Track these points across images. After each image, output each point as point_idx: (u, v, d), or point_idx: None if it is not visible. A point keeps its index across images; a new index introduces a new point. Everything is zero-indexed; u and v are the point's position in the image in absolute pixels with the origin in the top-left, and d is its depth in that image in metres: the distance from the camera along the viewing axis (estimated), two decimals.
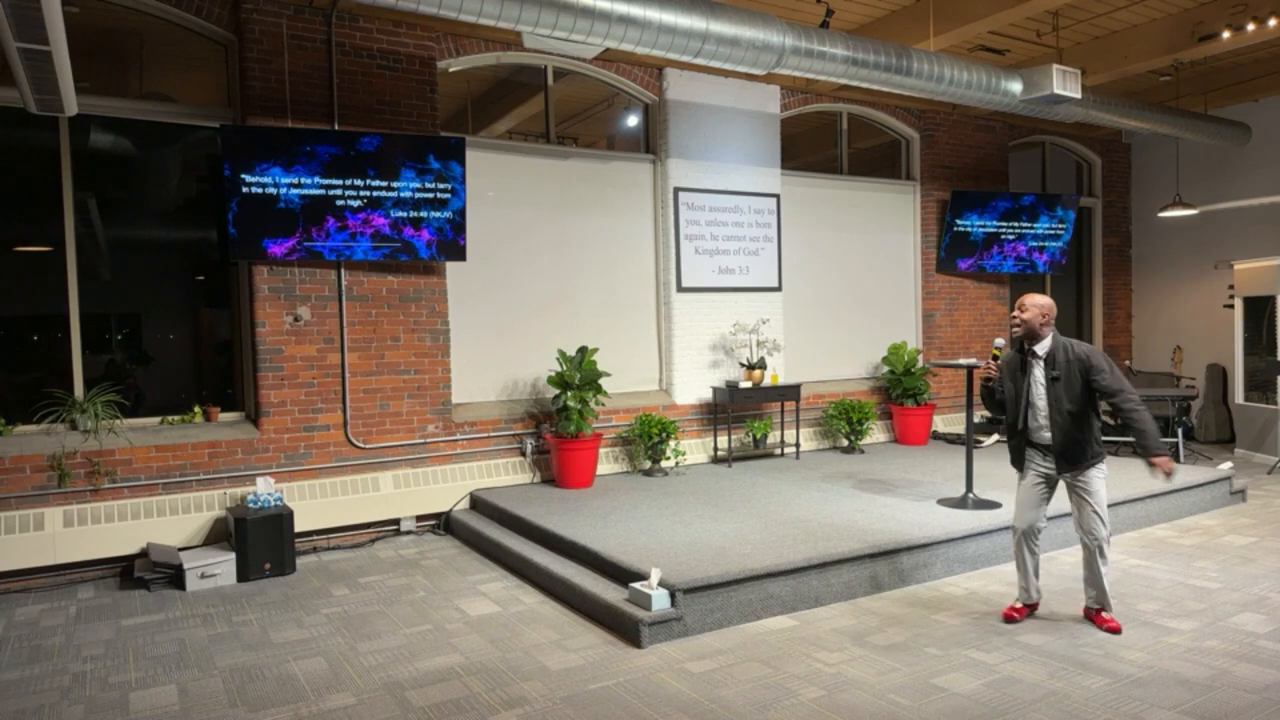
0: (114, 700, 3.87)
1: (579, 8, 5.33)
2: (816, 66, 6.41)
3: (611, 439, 7.63)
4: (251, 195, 6.01)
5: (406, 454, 6.75)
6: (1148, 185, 11.33)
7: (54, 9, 3.91)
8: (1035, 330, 4.35)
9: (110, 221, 6.20)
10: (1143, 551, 5.74)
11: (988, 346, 10.10)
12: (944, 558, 5.31)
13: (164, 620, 4.91)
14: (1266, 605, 4.68)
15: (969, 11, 6.88)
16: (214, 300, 6.68)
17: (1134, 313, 11.64)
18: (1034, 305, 4.35)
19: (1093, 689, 3.71)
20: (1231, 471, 7.17)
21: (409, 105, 6.71)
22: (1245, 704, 3.54)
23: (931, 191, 9.68)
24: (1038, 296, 4.37)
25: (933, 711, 3.55)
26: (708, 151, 8.08)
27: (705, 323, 8.12)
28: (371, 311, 6.60)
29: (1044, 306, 4.35)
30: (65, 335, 5.93)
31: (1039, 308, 4.34)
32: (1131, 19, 7.78)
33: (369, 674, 4.09)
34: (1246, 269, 9.21)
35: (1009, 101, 7.41)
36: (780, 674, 3.97)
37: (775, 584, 4.73)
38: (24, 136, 5.88)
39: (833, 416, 8.57)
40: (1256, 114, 10.05)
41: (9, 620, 4.97)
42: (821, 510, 5.98)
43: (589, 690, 3.84)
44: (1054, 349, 4.33)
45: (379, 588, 5.43)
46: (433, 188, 6.55)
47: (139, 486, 5.85)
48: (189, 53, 6.38)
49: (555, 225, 7.58)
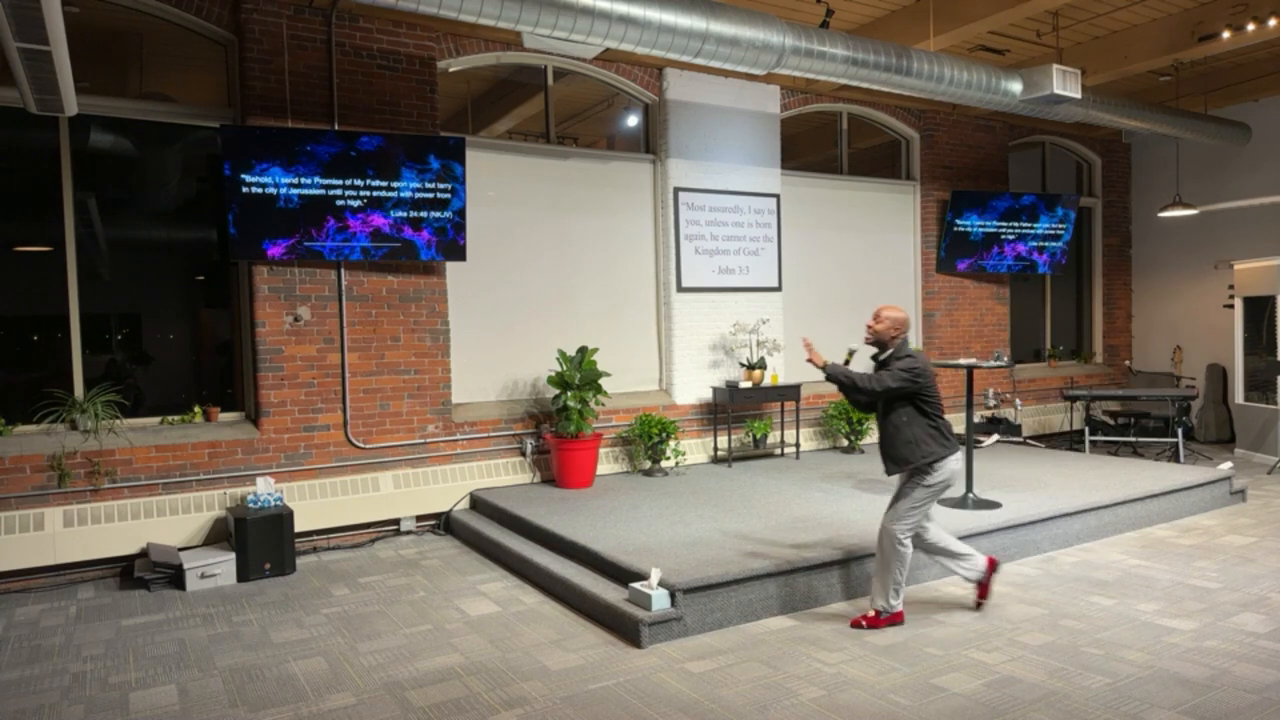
0: (114, 700, 3.86)
1: (579, 8, 5.33)
2: (816, 66, 6.41)
3: (611, 439, 7.63)
4: (251, 195, 6.01)
5: (406, 454, 6.75)
6: (1148, 185, 11.33)
7: (54, 9, 3.91)
8: (884, 341, 4.48)
9: (110, 221, 6.20)
10: (1143, 551, 5.75)
11: (988, 346, 10.10)
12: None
13: (164, 620, 4.91)
14: (1266, 605, 4.68)
15: (969, 11, 6.88)
16: (214, 300, 6.68)
17: (1134, 313, 11.64)
18: (888, 318, 4.47)
19: (1093, 689, 3.71)
20: (1231, 471, 7.17)
21: (409, 105, 6.71)
22: (1245, 704, 3.54)
23: (931, 191, 9.68)
24: (894, 310, 4.49)
25: (933, 711, 3.55)
26: (708, 151, 8.08)
27: (705, 323, 8.12)
28: (371, 311, 6.60)
29: (896, 320, 4.46)
30: (65, 335, 5.93)
31: (892, 320, 4.46)
32: (1131, 19, 7.78)
33: (369, 674, 4.09)
34: (1246, 269, 9.21)
35: (1009, 101, 7.41)
36: (780, 674, 3.97)
37: (775, 584, 4.73)
38: (24, 136, 5.88)
39: (833, 416, 8.57)
40: (1256, 114, 10.06)
41: (9, 620, 4.97)
42: (822, 510, 5.98)
43: (589, 690, 3.84)
44: (889, 358, 4.46)
45: (379, 588, 5.43)
46: (433, 188, 6.55)
47: (139, 486, 5.85)
48: (189, 53, 6.38)
49: (555, 225, 7.58)
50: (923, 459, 4.34)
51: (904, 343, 4.49)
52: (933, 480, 4.37)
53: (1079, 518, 5.97)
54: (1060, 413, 10.55)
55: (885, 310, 4.50)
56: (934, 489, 4.39)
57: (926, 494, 4.39)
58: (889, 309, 4.51)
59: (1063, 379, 10.80)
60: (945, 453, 4.35)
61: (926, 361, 4.43)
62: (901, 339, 4.48)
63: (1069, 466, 7.45)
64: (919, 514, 4.42)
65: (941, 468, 4.35)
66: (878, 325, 4.49)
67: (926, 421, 4.37)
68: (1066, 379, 10.83)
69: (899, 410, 4.40)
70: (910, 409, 4.39)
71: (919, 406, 4.38)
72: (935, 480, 4.37)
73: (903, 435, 4.37)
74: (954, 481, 4.45)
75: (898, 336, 4.47)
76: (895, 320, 4.46)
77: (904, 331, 4.48)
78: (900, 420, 4.39)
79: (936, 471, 4.36)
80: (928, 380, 4.37)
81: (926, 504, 4.42)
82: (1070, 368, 11.08)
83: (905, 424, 4.37)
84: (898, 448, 4.40)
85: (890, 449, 4.44)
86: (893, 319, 4.46)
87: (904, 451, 4.37)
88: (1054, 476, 6.97)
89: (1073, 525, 5.93)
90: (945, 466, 4.36)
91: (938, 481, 4.37)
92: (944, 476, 4.36)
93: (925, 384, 4.36)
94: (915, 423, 4.37)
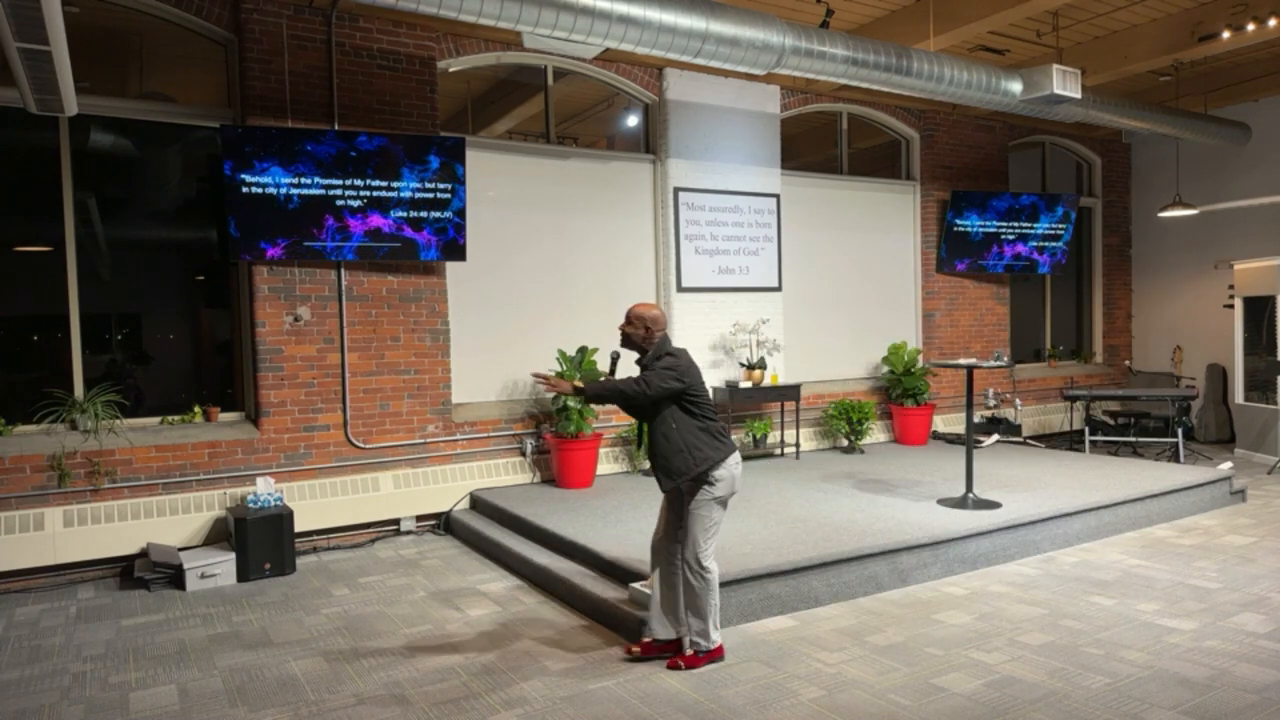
0: (114, 700, 3.86)
1: (579, 8, 5.33)
2: (816, 66, 6.41)
3: (611, 439, 7.63)
4: (252, 195, 6.01)
5: (406, 454, 6.74)
6: (1148, 185, 11.33)
7: (54, 9, 3.91)
8: (637, 343, 4.10)
9: (110, 221, 6.20)
10: (1143, 551, 5.75)
11: (988, 346, 10.10)
12: (944, 558, 5.31)
13: (164, 620, 4.91)
14: (1266, 605, 4.68)
15: (969, 11, 6.89)
16: (214, 300, 6.68)
17: (1134, 313, 11.64)
18: (639, 316, 4.07)
19: (1093, 689, 3.72)
20: (1231, 471, 7.17)
21: (409, 105, 6.71)
22: (1245, 704, 3.54)
23: (931, 191, 9.68)
24: (645, 307, 4.10)
25: (933, 711, 3.55)
26: (708, 151, 8.08)
27: (705, 323, 8.12)
28: (371, 311, 6.60)
29: (649, 318, 4.07)
30: (65, 335, 5.93)
31: (642, 320, 4.06)
32: (1131, 19, 7.78)
33: (369, 674, 4.09)
34: (1246, 269, 9.21)
35: (1009, 101, 7.41)
36: (780, 674, 3.97)
37: (775, 584, 4.73)
38: (24, 136, 5.88)
39: (833, 416, 8.57)
40: (1256, 114, 10.06)
41: (9, 620, 4.97)
42: (821, 510, 5.98)
43: (589, 690, 3.84)
44: (650, 359, 4.06)
45: (379, 588, 5.43)
46: (433, 188, 6.55)
47: (139, 486, 5.85)
48: (189, 53, 6.38)
49: (555, 225, 7.58)
50: (699, 466, 3.94)
51: (664, 340, 4.08)
52: (717, 492, 3.98)
53: (1079, 518, 5.97)
54: (1060, 413, 10.55)
55: (636, 309, 4.09)
56: (721, 499, 4.01)
57: (715, 507, 4.00)
58: (639, 306, 4.10)
59: (1063, 379, 10.80)
60: (719, 456, 3.97)
61: (691, 359, 4.07)
62: (660, 337, 4.08)
63: (1069, 466, 7.45)
64: (714, 532, 4.02)
65: (722, 474, 3.98)
66: (629, 328, 4.08)
67: (696, 424, 3.99)
68: (1066, 379, 10.83)
69: (664, 415, 3.99)
70: (676, 412, 3.98)
71: (685, 408, 3.99)
72: (719, 492, 3.99)
73: (673, 443, 3.96)
74: (738, 487, 4.08)
75: (653, 334, 4.07)
76: (648, 318, 4.06)
77: (661, 329, 4.09)
78: (668, 427, 3.98)
79: (718, 482, 3.97)
80: (694, 379, 4.00)
81: (719, 520, 4.03)
82: (1070, 368, 11.08)
83: (674, 430, 3.97)
84: (669, 458, 3.96)
85: (662, 461, 3.98)
86: (644, 317, 4.06)
87: (677, 462, 3.95)
88: (1054, 476, 6.97)
89: (1073, 525, 5.93)
90: (726, 471, 3.99)
91: (723, 493, 4.00)
92: (726, 482, 3.99)
93: (691, 382, 3.98)
94: (685, 427, 3.97)
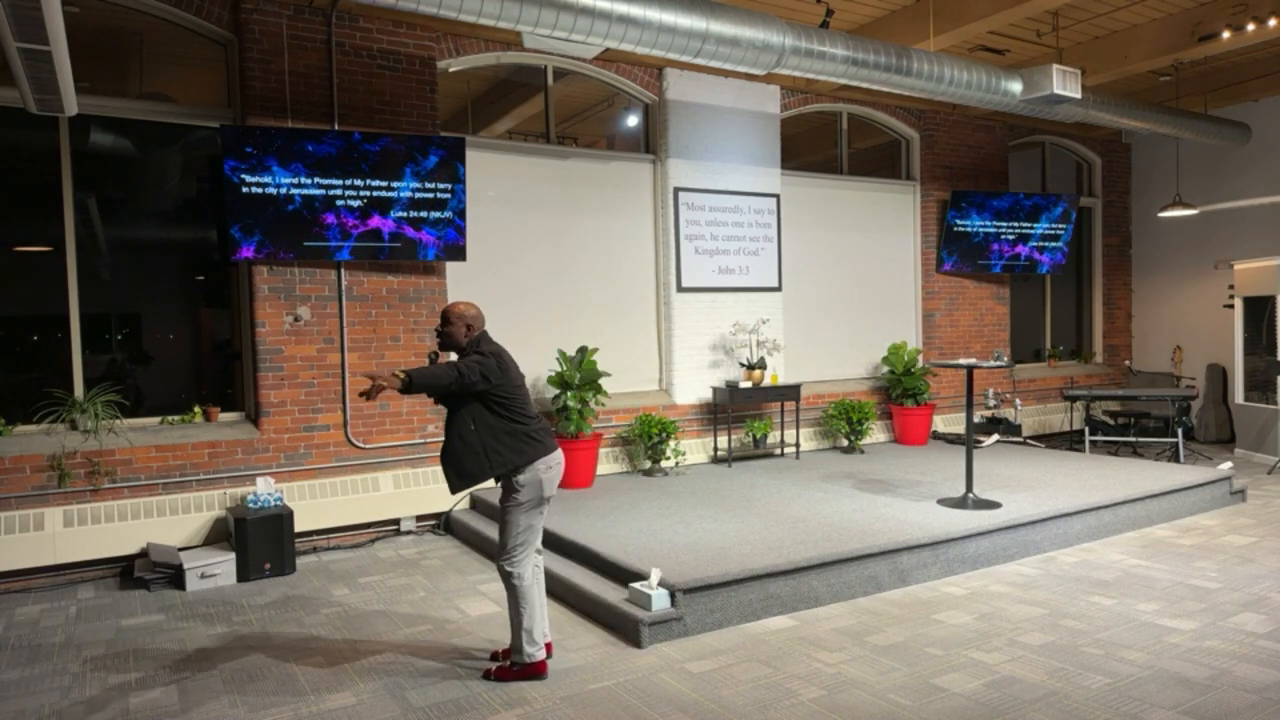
0: (114, 700, 3.86)
1: (579, 8, 5.33)
2: (816, 66, 6.41)
3: (611, 439, 7.63)
4: (252, 195, 6.01)
5: (406, 454, 6.74)
6: (1147, 185, 11.33)
7: (54, 9, 3.92)
8: (458, 342, 3.93)
9: (110, 221, 6.20)
10: (1143, 551, 5.75)
11: (988, 346, 10.11)
12: (944, 558, 5.32)
13: (164, 620, 4.91)
14: (1266, 605, 4.68)
15: (969, 11, 6.89)
16: (214, 300, 6.68)
17: (1134, 313, 11.64)
18: (456, 316, 3.94)
19: (1093, 689, 3.72)
20: (1231, 471, 7.17)
21: (409, 105, 6.71)
22: (1245, 704, 3.54)
23: (931, 191, 9.68)
24: (460, 305, 3.97)
25: (933, 711, 3.55)
26: (708, 151, 8.08)
27: (705, 323, 8.12)
28: (371, 311, 6.60)
29: (466, 316, 3.94)
30: (65, 335, 5.93)
31: (462, 318, 3.93)
32: (1131, 19, 7.78)
33: (369, 674, 4.09)
34: (1246, 269, 9.21)
35: (1009, 101, 7.41)
36: (780, 674, 3.97)
37: (775, 584, 4.73)
38: (24, 136, 5.88)
39: (833, 416, 8.57)
40: (1256, 114, 10.06)
41: (9, 620, 4.97)
42: (821, 510, 5.98)
43: (589, 690, 3.84)
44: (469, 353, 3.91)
45: (379, 588, 5.43)
46: (433, 188, 6.55)
47: (139, 486, 5.85)
48: (189, 53, 6.38)
49: (555, 225, 7.58)
50: (495, 469, 3.77)
51: (482, 337, 3.94)
52: (522, 497, 3.82)
53: (1079, 518, 5.97)
54: (1060, 413, 10.55)
55: (455, 308, 3.95)
56: (528, 504, 3.84)
57: (523, 513, 3.84)
58: (459, 305, 3.96)
59: (1063, 379, 10.80)
60: (523, 460, 3.79)
61: (510, 360, 3.89)
62: (478, 334, 3.94)
63: (1069, 466, 7.45)
64: (526, 539, 3.88)
65: (526, 478, 3.80)
66: (448, 328, 3.94)
67: (502, 427, 3.79)
68: (1066, 379, 10.83)
69: (463, 414, 3.79)
70: (479, 410, 3.78)
71: (491, 408, 3.78)
72: (524, 497, 3.82)
73: (468, 444, 3.76)
74: (551, 491, 3.90)
75: (473, 332, 3.93)
76: (467, 316, 3.93)
77: (479, 326, 3.96)
78: (466, 427, 3.77)
79: (522, 487, 3.80)
80: (506, 380, 3.79)
81: (532, 527, 3.89)
82: (1070, 368, 11.08)
83: (472, 431, 3.76)
84: (461, 459, 3.76)
85: (453, 460, 3.78)
86: (464, 315, 3.93)
87: (469, 463, 3.75)
88: (1054, 476, 6.97)
89: (1073, 525, 5.93)
90: (532, 474, 3.81)
91: (528, 498, 3.83)
92: (532, 486, 3.83)
93: (499, 384, 3.77)
94: (486, 429, 3.77)
